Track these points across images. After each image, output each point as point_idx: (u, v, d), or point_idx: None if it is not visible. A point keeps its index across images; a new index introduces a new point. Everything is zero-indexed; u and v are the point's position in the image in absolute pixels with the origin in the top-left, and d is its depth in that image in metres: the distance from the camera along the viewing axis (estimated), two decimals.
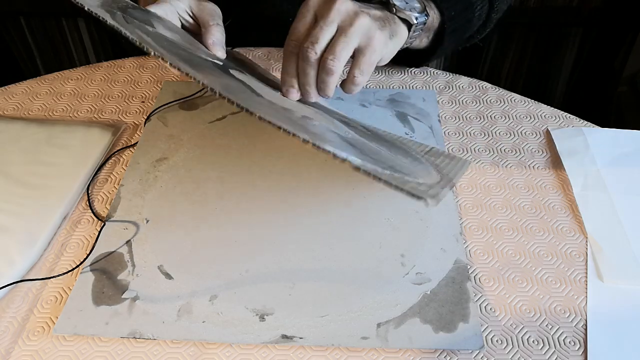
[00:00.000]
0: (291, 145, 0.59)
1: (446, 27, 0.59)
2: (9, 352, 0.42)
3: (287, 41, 0.49)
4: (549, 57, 1.35)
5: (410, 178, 0.41)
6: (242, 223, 0.52)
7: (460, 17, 0.60)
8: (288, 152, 0.59)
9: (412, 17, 0.53)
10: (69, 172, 0.57)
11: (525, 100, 0.66)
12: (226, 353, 0.42)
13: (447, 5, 0.58)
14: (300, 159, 0.58)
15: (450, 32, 0.60)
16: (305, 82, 0.49)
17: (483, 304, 0.45)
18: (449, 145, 0.60)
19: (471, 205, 0.53)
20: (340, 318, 0.44)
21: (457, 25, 0.60)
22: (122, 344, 0.43)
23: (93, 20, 1.37)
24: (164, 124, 0.63)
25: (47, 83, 0.71)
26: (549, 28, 1.31)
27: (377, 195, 0.54)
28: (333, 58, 0.47)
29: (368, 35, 0.48)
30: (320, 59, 0.48)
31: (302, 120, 0.45)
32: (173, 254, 0.49)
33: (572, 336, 0.43)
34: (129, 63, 0.74)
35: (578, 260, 0.48)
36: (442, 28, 0.59)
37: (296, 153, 0.58)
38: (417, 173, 0.44)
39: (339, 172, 0.56)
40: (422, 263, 0.48)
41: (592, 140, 0.60)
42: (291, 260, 0.48)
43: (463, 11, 0.60)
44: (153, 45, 0.42)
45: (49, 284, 0.47)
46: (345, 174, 0.56)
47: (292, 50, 0.49)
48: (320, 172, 0.56)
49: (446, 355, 0.42)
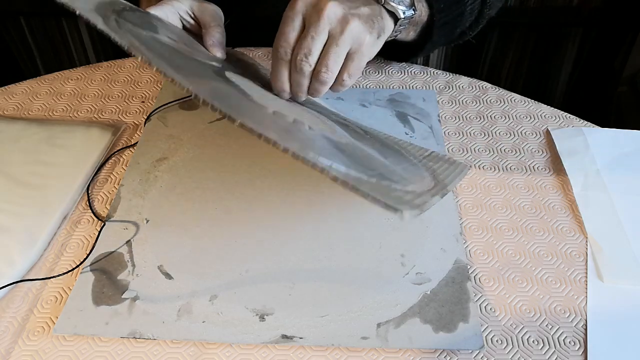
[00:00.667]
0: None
1: (435, 19, 0.58)
2: (9, 352, 0.42)
3: (276, 46, 0.49)
4: (549, 57, 1.35)
5: (398, 186, 0.41)
6: (242, 223, 0.52)
7: (451, 11, 0.60)
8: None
9: (399, 11, 0.53)
10: (69, 172, 0.57)
11: (525, 100, 0.66)
12: (226, 353, 0.42)
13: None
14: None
15: (439, 25, 0.59)
16: (298, 90, 0.50)
17: (483, 304, 0.45)
18: (449, 145, 0.60)
19: (471, 205, 0.53)
20: (340, 318, 0.44)
21: (447, 19, 0.60)
22: (122, 344, 0.43)
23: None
24: (164, 124, 0.63)
25: (47, 83, 0.71)
26: (549, 28, 1.31)
27: None
28: (326, 70, 0.48)
29: (358, 41, 0.48)
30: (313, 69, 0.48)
31: (292, 125, 0.45)
32: (173, 254, 0.49)
33: (572, 336, 0.43)
34: (129, 63, 0.74)
35: (578, 260, 0.48)
36: (431, 21, 0.59)
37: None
38: (409, 179, 0.44)
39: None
40: (422, 263, 0.48)
41: (592, 140, 0.60)
42: (291, 260, 0.48)
43: (454, 4, 0.60)
44: (141, 50, 0.42)
45: (49, 284, 0.47)
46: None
47: (282, 57, 0.49)
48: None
49: (446, 355, 0.42)
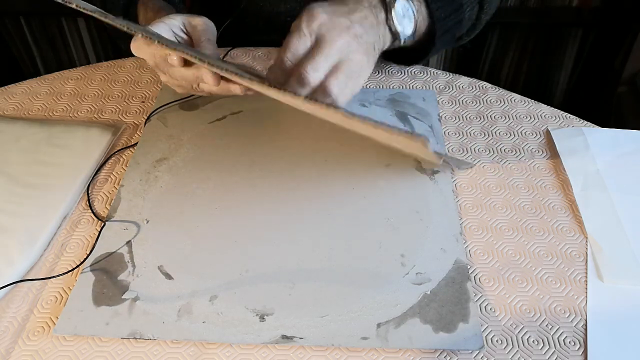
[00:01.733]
0: (291, 145, 0.59)
1: (436, 27, 0.59)
2: (9, 352, 0.42)
3: (283, 57, 0.49)
4: (549, 57, 1.35)
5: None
6: (242, 223, 0.52)
7: (451, 19, 0.61)
8: (288, 152, 0.59)
9: (400, 37, 0.56)
10: (69, 172, 0.57)
11: (525, 100, 0.66)
12: (226, 353, 0.42)
13: (437, 6, 0.59)
14: (300, 159, 0.58)
15: (440, 34, 0.60)
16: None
17: (483, 304, 0.45)
18: (449, 145, 0.60)
19: (471, 205, 0.53)
20: (340, 318, 0.44)
21: (447, 27, 0.61)
22: (122, 344, 0.43)
23: (93, 20, 1.37)
24: (164, 124, 0.63)
25: (47, 83, 0.71)
26: (549, 28, 1.31)
27: (377, 195, 0.54)
28: (326, 97, 0.49)
29: (359, 72, 0.51)
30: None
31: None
32: (173, 254, 0.49)
33: (572, 336, 0.43)
34: (129, 63, 0.74)
35: (578, 260, 0.48)
36: (432, 29, 0.60)
37: (296, 153, 0.58)
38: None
39: (339, 172, 0.56)
40: (422, 263, 0.48)
41: (592, 140, 0.60)
42: (291, 260, 0.48)
43: (453, 13, 0.61)
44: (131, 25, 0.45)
45: (49, 284, 0.47)
46: (345, 175, 0.56)
47: (285, 67, 0.49)
48: (320, 172, 0.56)
49: (446, 355, 0.42)
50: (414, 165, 0.57)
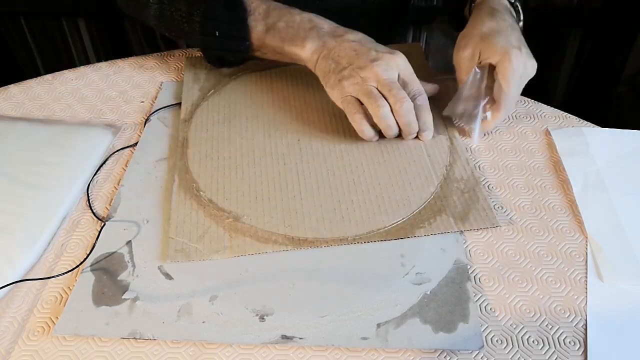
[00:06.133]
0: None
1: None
2: (9, 352, 0.42)
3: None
4: (549, 57, 1.35)
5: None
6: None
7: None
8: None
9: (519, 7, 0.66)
10: (69, 172, 0.57)
11: (525, 100, 0.66)
12: (226, 353, 0.42)
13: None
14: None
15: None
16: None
17: (483, 304, 0.45)
18: None
19: None
20: (340, 318, 0.44)
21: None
22: (122, 344, 0.43)
23: (93, 20, 1.37)
24: (164, 124, 0.63)
25: (47, 83, 0.71)
26: (549, 28, 1.31)
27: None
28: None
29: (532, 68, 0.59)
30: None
31: None
32: None
33: (572, 336, 0.43)
34: (129, 63, 0.74)
35: (578, 260, 0.48)
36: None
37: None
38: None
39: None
40: (422, 263, 0.48)
41: (592, 140, 0.60)
42: (291, 260, 0.48)
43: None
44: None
45: (49, 284, 0.47)
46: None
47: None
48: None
49: (446, 355, 0.42)
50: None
